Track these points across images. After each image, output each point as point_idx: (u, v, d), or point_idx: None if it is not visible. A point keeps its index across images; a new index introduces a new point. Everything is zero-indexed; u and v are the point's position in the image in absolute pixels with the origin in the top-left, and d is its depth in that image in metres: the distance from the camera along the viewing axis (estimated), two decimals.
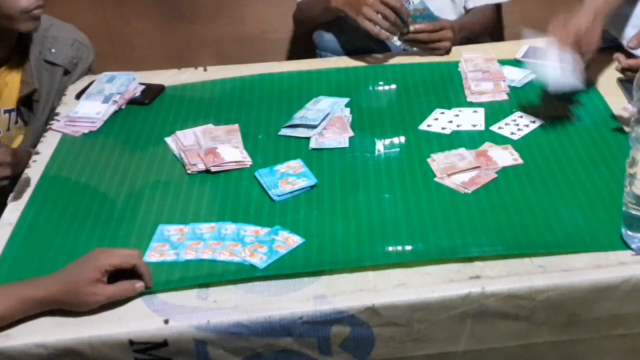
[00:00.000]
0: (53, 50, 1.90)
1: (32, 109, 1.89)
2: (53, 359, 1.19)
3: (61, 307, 1.21)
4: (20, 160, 1.69)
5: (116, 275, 1.24)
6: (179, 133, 1.67)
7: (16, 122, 1.90)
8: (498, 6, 2.23)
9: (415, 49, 1.98)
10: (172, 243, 1.35)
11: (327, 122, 1.68)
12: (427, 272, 1.27)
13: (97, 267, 1.21)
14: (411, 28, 1.91)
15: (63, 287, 1.20)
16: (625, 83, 1.73)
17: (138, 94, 1.85)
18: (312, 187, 1.48)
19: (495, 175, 1.47)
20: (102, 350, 1.19)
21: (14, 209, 1.48)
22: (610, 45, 1.92)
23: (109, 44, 2.60)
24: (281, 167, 1.53)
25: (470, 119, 1.67)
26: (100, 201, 1.49)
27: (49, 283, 1.21)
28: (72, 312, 1.21)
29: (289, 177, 1.49)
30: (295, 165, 1.53)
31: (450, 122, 1.67)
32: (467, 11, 2.16)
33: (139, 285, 1.24)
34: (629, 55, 1.77)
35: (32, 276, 1.26)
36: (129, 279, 1.24)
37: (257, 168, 1.54)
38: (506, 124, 1.65)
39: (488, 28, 2.18)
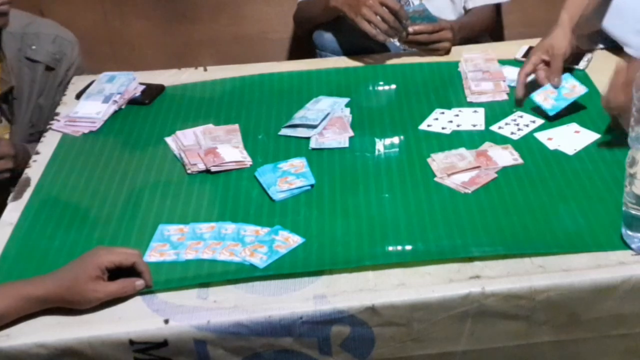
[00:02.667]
0: (34, 47, 1.88)
1: (13, 107, 1.88)
2: (53, 359, 1.19)
3: (61, 304, 1.21)
4: (19, 154, 1.69)
5: (116, 275, 1.24)
6: (179, 133, 1.67)
7: (0, 121, 1.89)
8: (498, 6, 2.23)
9: (414, 49, 1.98)
10: (172, 243, 1.35)
11: (327, 122, 1.68)
12: (427, 272, 1.27)
13: (98, 264, 1.21)
14: (410, 29, 1.90)
15: (63, 284, 1.20)
16: None
17: (138, 94, 1.85)
18: (310, 187, 1.48)
19: (495, 175, 1.48)
20: (102, 350, 1.19)
21: (14, 209, 1.48)
22: (610, 46, 1.93)
23: (109, 44, 2.60)
24: (284, 165, 1.53)
25: (470, 119, 1.67)
26: (100, 201, 1.49)
27: (49, 281, 1.22)
28: (72, 312, 1.21)
29: (289, 176, 1.49)
30: (299, 164, 1.53)
31: (450, 122, 1.67)
32: (466, 11, 2.16)
33: (139, 283, 1.24)
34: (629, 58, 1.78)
35: (32, 276, 1.25)
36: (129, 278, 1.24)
37: (257, 168, 1.54)
38: (506, 124, 1.65)
39: (488, 28, 2.18)
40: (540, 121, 1.64)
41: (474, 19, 2.13)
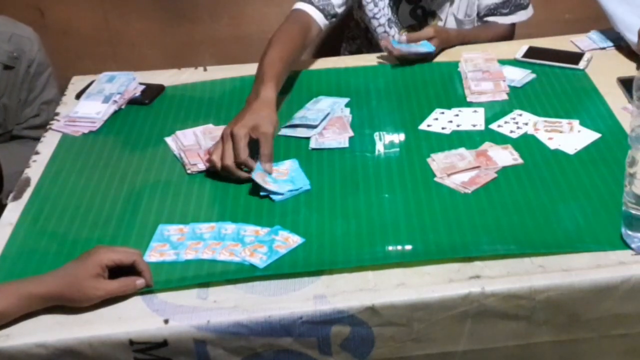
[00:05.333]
0: None
1: None
2: (53, 359, 1.19)
3: (62, 302, 1.21)
4: None
5: (117, 275, 1.24)
6: (179, 133, 1.67)
7: None
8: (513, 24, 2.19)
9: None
10: (172, 243, 1.35)
11: (327, 122, 1.68)
12: (427, 272, 1.27)
13: (98, 262, 1.21)
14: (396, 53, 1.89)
15: (64, 281, 1.20)
16: (625, 83, 1.73)
17: (138, 94, 1.85)
18: (300, 190, 1.47)
19: (495, 175, 1.48)
20: (102, 350, 1.19)
21: (14, 209, 1.48)
22: (610, 45, 1.93)
23: (109, 44, 2.60)
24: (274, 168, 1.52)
25: (470, 119, 1.67)
26: (100, 201, 1.49)
27: (50, 278, 1.22)
28: (72, 311, 1.21)
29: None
30: (288, 167, 1.53)
31: (450, 122, 1.67)
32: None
33: (140, 282, 1.24)
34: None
35: (32, 276, 1.26)
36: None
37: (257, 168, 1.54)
38: (505, 122, 1.65)
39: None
40: (540, 119, 1.64)
41: (483, 31, 2.09)
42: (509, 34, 2.14)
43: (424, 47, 1.89)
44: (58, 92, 1.97)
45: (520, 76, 1.82)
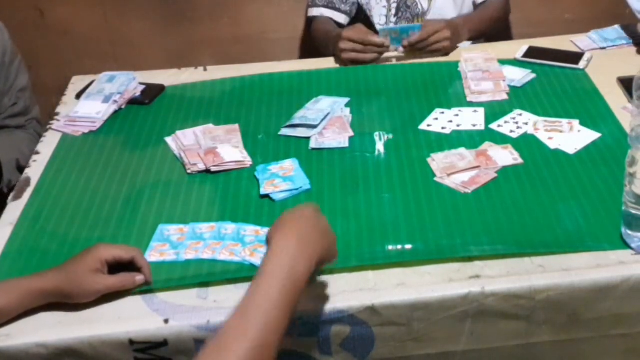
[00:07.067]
0: None
1: None
2: (53, 359, 1.19)
3: (61, 298, 1.21)
4: None
5: (117, 271, 1.24)
6: (179, 133, 1.67)
7: None
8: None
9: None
10: (172, 243, 1.36)
11: (327, 122, 1.68)
12: (426, 272, 1.27)
13: (98, 257, 1.21)
14: (405, 43, 1.90)
15: (63, 277, 1.21)
16: (625, 83, 1.73)
17: (138, 94, 1.85)
18: (300, 190, 1.47)
19: (495, 175, 1.48)
20: (102, 350, 1.19)
21: (14, 209, 1.48)
22: (610, 45, 1.93)
23: (109, 44, 2.60)
24: (274, 167, 1.53)
25: (470, 119, 1.67)
26: (100, 201, 1.49)
27: (50, 274, 1.22)
28: (72, 311, 1.21)
29: (276, 179, 1.49)
30: (288, 167, 1.53)
31: (450, 121, 1.67)
32: (476, 7, 2.16)
33: (139, 278, 1.24)
34: None
35: None
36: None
37: (257, 167, 1.54)
38: (505, 122, 1.65)
39: (499, 20, 2.18)
40: (540, 119, 1.64)
41: (484, 11, 2.12)
42: (506, 5, 2.20)
43: (415, 28, 1.91)
44: (29, 79, 1.96)
45: (520, 76, 1.82)
